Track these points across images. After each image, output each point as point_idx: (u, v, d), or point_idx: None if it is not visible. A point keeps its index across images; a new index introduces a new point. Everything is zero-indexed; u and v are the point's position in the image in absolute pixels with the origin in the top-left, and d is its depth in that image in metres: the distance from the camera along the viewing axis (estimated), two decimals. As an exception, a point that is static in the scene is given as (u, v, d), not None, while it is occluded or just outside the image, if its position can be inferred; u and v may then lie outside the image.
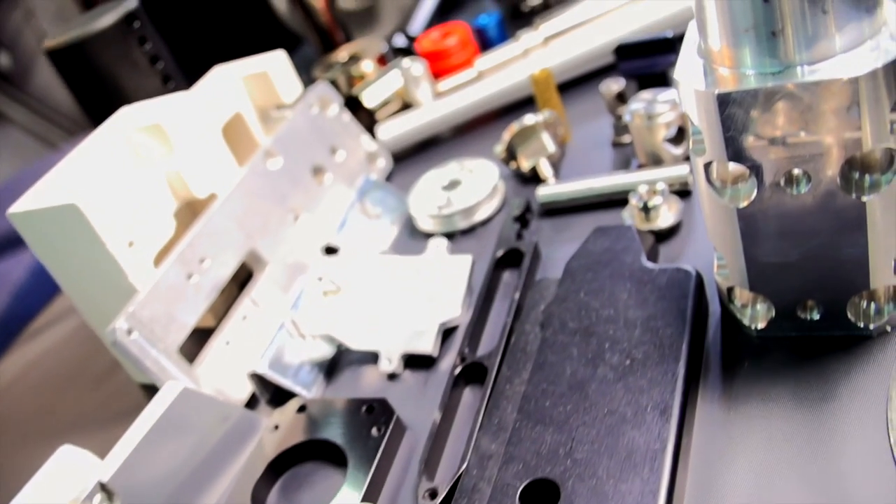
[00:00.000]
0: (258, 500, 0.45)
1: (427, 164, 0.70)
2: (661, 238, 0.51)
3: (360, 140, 0.71)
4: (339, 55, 0.84)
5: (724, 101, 0.34)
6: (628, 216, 0.52)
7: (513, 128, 0.62)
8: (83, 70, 0.65)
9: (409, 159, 0.75)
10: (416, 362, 0.51)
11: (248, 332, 0.55)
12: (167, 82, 0.67)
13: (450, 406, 0.45)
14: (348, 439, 0.45)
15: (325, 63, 0.83)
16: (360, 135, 0.71)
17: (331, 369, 0.53)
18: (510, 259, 0.54)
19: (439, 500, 0.40)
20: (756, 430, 0.37)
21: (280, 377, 0.51)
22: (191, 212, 0.61)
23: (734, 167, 0.37)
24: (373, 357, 0.52)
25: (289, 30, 1.03)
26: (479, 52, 0.81)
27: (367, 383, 0.51)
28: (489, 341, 0.49)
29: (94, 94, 0.66)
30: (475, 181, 0.62)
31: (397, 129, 0.74)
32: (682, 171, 0.54)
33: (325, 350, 0.53)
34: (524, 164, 0.62)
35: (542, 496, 0.36)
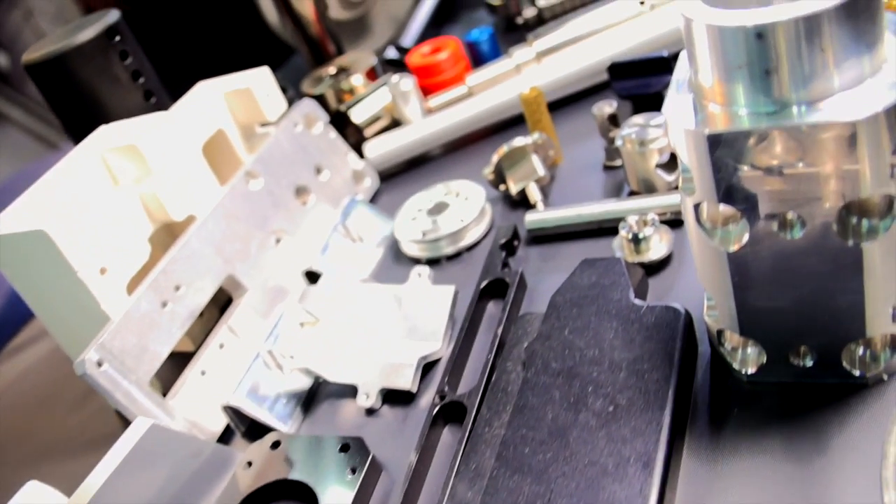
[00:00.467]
0: (228, 542, 0.43)
1: (415, 183, 0.69)
2: (652, 271, 0.49)
3: (347, 158, 0.69)
4: (329, 69, 0.82)
5: (714, 142, 0.32)
6: (617, 247, 0.51)
7: (502, 150, 0.60)
8: (62, 85, 0.63)
9: (397, 178, 0.73)
10: (395, 397, 0.49)
11: (225, 361, 0.54)
12: (149, 98, 0.65)
13: (427, 447, 0.43)
14: (322, 480, 0.43)
15: (314, 77, 0.82)
16: (347, 153, 0.70)
17: (308, 402, 0.52)
18: (495, 289, 0.52)
19: (413, 550, 0.38)
20: (744, 485, 0.35)
21: (255, 410, 0.49)
22: (169, 234, 0.59)
23: (725, 208, 0.35)
24: (352, 390, 0.50)
25: (280, 41, 1.01)
26: (470, 67, 0.80)
27: (345, 418, 0.49)
28: (470, 378, 0.47)
29: (75, 111, 0.64)
30: (462, 205, 0.60)
31: (385, 146, 0.72)
32: (675, 199, 0.52)
33: (303, 382, 0.52)
34: (513, 188, 0.60)
35: (518, 553, 0.34)
